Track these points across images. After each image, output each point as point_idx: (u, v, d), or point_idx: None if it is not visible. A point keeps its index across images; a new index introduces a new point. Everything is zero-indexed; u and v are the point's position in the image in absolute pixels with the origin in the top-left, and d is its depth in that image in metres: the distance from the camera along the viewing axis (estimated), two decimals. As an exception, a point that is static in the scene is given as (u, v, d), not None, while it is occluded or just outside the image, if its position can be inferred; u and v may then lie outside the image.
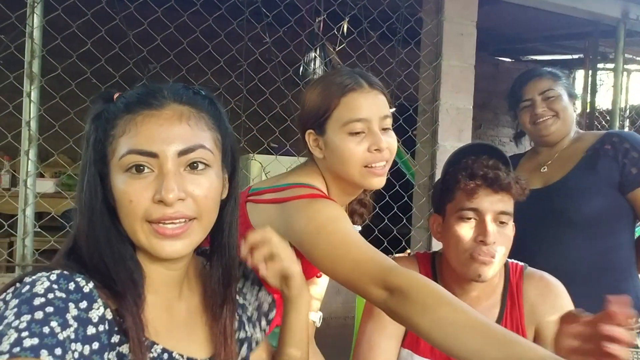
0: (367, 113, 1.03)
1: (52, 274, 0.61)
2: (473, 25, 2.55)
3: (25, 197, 1.97)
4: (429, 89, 2.54)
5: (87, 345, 0.59)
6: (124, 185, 0.65)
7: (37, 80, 1.98)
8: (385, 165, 1.06)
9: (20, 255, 1.98)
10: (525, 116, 1.58)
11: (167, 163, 0.65)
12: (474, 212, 1.06)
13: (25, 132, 1.97)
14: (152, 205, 0.65)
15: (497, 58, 5.68)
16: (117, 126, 0.66)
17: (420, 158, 2.61)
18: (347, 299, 2.39)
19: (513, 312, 1.13)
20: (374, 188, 1.10)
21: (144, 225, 0.65)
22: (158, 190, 0.64)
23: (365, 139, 1.03)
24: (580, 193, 1.47)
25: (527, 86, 1.57)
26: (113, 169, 0.66)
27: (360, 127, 1.03)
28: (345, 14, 2.90)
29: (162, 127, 0.66)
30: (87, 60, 2.18)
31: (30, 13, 1.98)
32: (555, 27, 4.12)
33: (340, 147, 1.04)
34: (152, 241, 0.66)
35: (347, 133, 1.03)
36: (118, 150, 0.65)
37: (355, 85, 1.05)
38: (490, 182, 1.05)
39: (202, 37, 2.29)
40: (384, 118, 1.05)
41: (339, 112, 1.04)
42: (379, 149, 1.03)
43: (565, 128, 1.55)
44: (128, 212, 0.65)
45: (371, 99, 1.05)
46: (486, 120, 5.80)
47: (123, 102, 0.68)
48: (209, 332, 0.76)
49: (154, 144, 0.65)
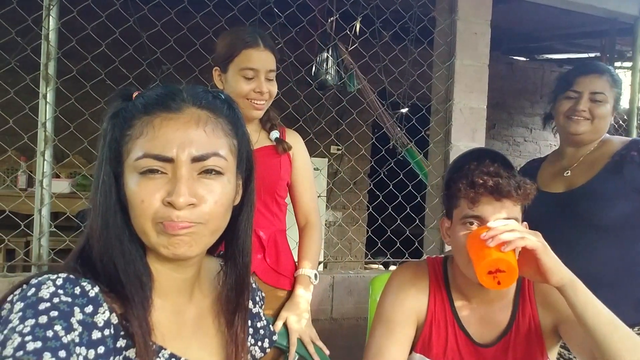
0: (258, 65, 1.40)
1: (59, 278, 0.61)
2: (487, 24, 2.52)
3: (41, 198, 1.99)
4: (442, 88, 2.52)
5: (92, 350, 0.59)
6: (137, 186, 0.65)
7: (52, 82, 2.01)
8: (264, 104, 1.43)
9: (36, 255, 2.00)
10: (564, 105, 1.52)
11: (181, 168, 0.65)
12: (477, 219, 1.06)
13: (41, 133, 2.00)
14: (161, 206, 0.65)
15: (511, 57, 5.62)
16: (134, 127, 0.66)
17: (433, 158, 2.59)
18: (359, 300, 2.39)
19: (525, 309, 1.12)
20: (253, 118, 1.46)
21: (157, 225, 0.65)
22: (170, 193, 0.64)
23: (253, 82, 1.40)
24: (605, 198, 1.43)
25: (583, 78, 1.50)
26: (127, 169, 0.66)
27: (251, 74, 1.40)
28: (357, 13, 2.90)
29: (178, 131, 0.66)
30: (101, 62, 2.21)
31: (46, 15, 2.00)
32: (570, 25, 4.07)
33: (234, 84, 1.41)
34: (162, 240, 0.66)
35: (241, 76, 1.40)
36: (134, 151, 0.66)
37: (254, 43, 1.41)
38: (490, 190, 1.04)
39: (214, 38, 2.29)
40: (269, 71, 1.42)
41: (239, 60, 1.40)
42: (260, 92, 1.41)
43: (594, 135, 1.51)
44: (139, 212, 0.65)
45: (263, 56, 1.41)
46: (500, 120, 5.74)
47: (141, 102, 0.68)
48: (220, 339, 0.76)
49: (169, 149, 0.65)
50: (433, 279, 1.18)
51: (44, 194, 2.00)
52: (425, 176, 2.95)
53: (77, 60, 2.17)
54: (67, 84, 2.09)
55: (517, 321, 1.11)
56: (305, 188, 1.55)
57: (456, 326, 1.13)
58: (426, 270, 1.19)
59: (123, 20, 2.24)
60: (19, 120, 2.01)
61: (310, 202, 1.56)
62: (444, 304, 1.15)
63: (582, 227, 1.45)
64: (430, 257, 1.24)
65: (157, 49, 2.30)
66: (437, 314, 1.14)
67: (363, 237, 4.83)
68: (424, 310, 1.15)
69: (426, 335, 1.14)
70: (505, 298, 1.14)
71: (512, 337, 1.11)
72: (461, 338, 1.12)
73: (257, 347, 0.87)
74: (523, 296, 1.13)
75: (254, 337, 0.86)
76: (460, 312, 1.14)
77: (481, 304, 1.13)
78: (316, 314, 1.49)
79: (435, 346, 1.13)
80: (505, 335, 1.11)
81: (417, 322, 1.16)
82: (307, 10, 2.65)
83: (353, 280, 2.39)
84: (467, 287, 1.13)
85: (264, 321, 0.89)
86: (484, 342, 1.12)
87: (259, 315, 0.87)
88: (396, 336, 1.12)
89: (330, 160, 3.84)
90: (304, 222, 1.55)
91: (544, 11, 3.15)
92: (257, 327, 0.86)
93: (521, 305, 1.13)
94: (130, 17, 2.26)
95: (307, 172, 1.57)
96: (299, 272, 1.48)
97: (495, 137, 5.77)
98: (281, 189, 1.50)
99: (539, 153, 5.88)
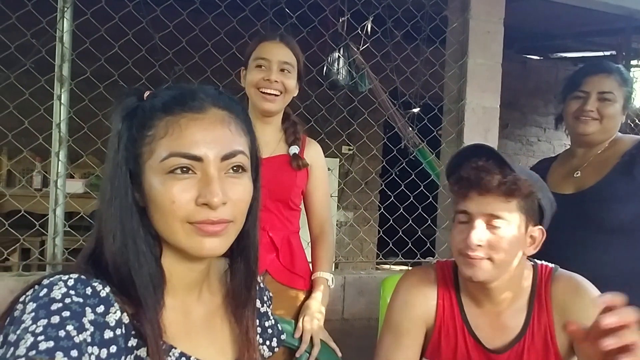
0: (269, 55, 1.42)
1: (70, 278, 0.61)
2: (500, 22, 2.50)
3: (56, 198, 2.02)
4: (455, 88, 2.50)
5: (104, 349, 0.59)
6: (164, 187, 0.65)
7: (67, 84, 2.03)
8: (276, 97, 1.42)
9: (50, 254, 2.03)
10: (573, 105, 1.50)
11: (210, 167, 0.66)
12: (465, 214, 1.06)
13: (55, 134, 2.03)
14: (195, 208, 0.65)
15: (525, 56, 5.56)
16: (156, 127, 0.66)
17: (445, 158, 2.57)
18: (370, 300, 2.38)
19: (541, 316, 1.09)
20: (264, 110, 1.43)
21: (185, 225, 0.65)
22: (202, 194, 0.65)
23: (264, 71, 1.41)
24: (616, 199, 1.41)
25: (591, 78, 1.48)
26: (149, 169, 0.66)
27: (262, 63, 1.42)
28: (369, 13, 2.89)
29: (206, 130, 0.66)
30: (114, 63, 2.23)
31: (61, 18, 2.03)
32: (585, 23, 4.01)
33: (248, 76, 1.44)
34: (194, 239, 0.66)
35: (255, 67, 1.43)
36: (157, 152, 0.65)
37: (270, 37, 1.45)
38: (473, 185, 1.03)
39: (226, 39, 2.31)
40: (283, 62, 1.42)
41: (255, 53, 1.44)
42: (269, 80, 1.40)
43: (603, 135, 1.49)
44: (168, 213, 0.65)
45: (275, 47, 1.43)
46: (513, 120, 5.69)
47: (159, 102, 0.68)
48: (229, 336, 0.76)
49: (198, 148, 0.65)
50: (442, 284, 1.16)
51: (59, 194, 2.02)
52: (437, 176, 2.93)
53: (90, 61, 2.19)
54: (81, 85, 2.12)
55: (532, 327, 1.09)
56: (320, 199, 1.55)
57: (466, 331, 1.11)
58: (434, 275, 1.18)
59: (136, 21, 2.26)
60: (34, 121, 2.03)
61: (324, 213, 1.56)
62: (453, 309, 1.13)
63: (593, 229, 1.42)
64: (440, 261, 1.22)
65: (169, 49, 2.32)
66: (446, 319, 1.13)
67: (374, 237, 4.82)
68: (432, 315, 1.14)
69: (435, 340, 1.13)
70: (518, 302, 1.11)
71: (525, 343, 1.08)
72: (471, 343, 1.11)
73: (265, 347, 0.87)
74: (539, 300, 1.10)
75: (262, 337, 0.86)
76: (470, 317, 1.12)
77: (492, 308, 1.11)
78: (328, 314, 1.48)
79: (444, 351, 1.11)
80: (518, 341, 1.08)
81: (426, 328, 1.14)
82: (318, 10, 2.65)
83: (364, 280, 2.39)
84: (477, 291, 1.11)
85: (272, 320, 0.89)
86: (495, 348, 1.09)
87: (267, 315, 0.88)
88: (404, 344, 1.11)
89: (342, 161, 3.84)
90: (318, 231, 1.56)
91: (558, 9, 3.12)
92: (265, 326, 0.87)
93: (536, 311, 1.10)
94: (142, 19, 2.28)
95: (323, 182, 1.56)
96: (316, 274, 1.49)
97: (508, 137, 5.71)
98: (296, 197, 1.50)
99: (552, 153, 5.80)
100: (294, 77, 1.45)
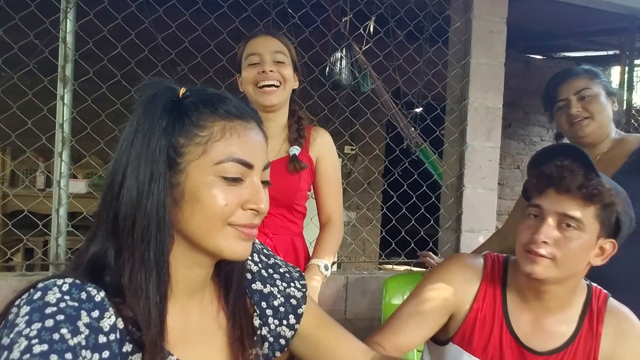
0: (259, 49, 1.41)
1: (65, 283, 0.61)
2: (503, 22, 2.49)
3: (59, 198, 2.02)
4: (457, 87, 2.50)
5: (97, 354, 0.58)
6: (217, 189, 0.66)
7: (69, 84, 2.03)
8: (276, 88, 1.39)
9: (54, 254, 2.03)
10: (561, 117, 1.53)
11: (258, 175, 0.70)
12: (538, 209, 1.05)
13: (58, 134, 2.03)
14: (241, 211, 0.68)
15: (528, 55, 5.55)
16: (210, 128, 0.67)
17: (448, 158, 2.57)
18: (373, 301, 2.38)
19: (589, 337, 1.08)
20: (266, 104, 1.40)
21: (226, 227, 0.67)
22: (253, 200, 0.68)
23: (258, 66, 1.39)
24: None
25: (562, 86, 1.52)
26: (196, 168, 0.66)
27: (254, 58, 1.40)
28: (371, 13, 2.88)
29: (256, 140, 0.70)
30: (117, 63, 2.23)
31: (63, 18, 2.03)
32: (588, 23, 4.00)
33: (244, 75, 1.43)
34: (234, 242, 0.68)
35: (247, 65, 1.42)
36: (213, 153, 0.66)
37: (256, 34, 1.45)
38: (554, 182, 1.02)
39: (229, 39, 2.31)
40: (275, 52, 1.40)
41: (245, 52, 1.44)
42: (264, 71, 1.38)
43: (602, 130, 1.49)
44: (215, 214, 0.66)
45: (263, 40, 1.42)
46: (516, 119, 5.68)
47: (207, 104, 0.68)
48: (226, 339, 0.75)
49: (252, 157, 0.69)
50: (488, 274, 1.14)
51: (62, 194, 2.02)
52: (439, 176, 2.93)
53: (93, 62, 2.20)
54: (84, 85, 2.12)
55: (577, 343, 1.07)
56: (329, 192, 1.52)
57: (504, 326, 1.10)
58: (481, 266, 1.16)
59: (138, 22, 2.26)
60: (37, 121, 2.04)
61: (334, 204, 1.52)
62: (494, 302, 1.12)
63: None
64: (490, 254, 1.20)
65: (171, 50, 2.32)
66: (484, 310, 1.11)
67: (377, 237, 4.81)
68: (467, 302, 1.12)
69: (467, 328, 1.11)
70: (567, 312, 1.10)
71: (566, 356, 1.07)
72: (507, 338, 1.09)
73: (284, 327, 0.82)
74: (590, 321, 1.09)
75: (276, 318, 0.81)
76: (511, 314, 1.11)
77: (538, 309, 1.10)
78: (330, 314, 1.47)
79: (476, 342, 1.10)
80: (559, 352, 1.07)
81: (453, 313, 1.12)
82: (320, 10, 2.65)
83: (367, 280, 2.38)
84: (527, 289, 1.09)
85: (281, 298, 0.83)
86: (532, 348, 1.08)
87: (273, 294, 0.82)
88: (423, 319, 1.09)
89: (344, 160, 3.83)
90: (326, 220, 1.53)
91: (561, 8, 3.11)
92: (274, 305, 0.82)
93: (585, 330, 1.08)
94: (145, 19, 2.28)
95: (332, 175, 1.52)
96: (311, 261, 1.45)
97: (511, 137, 5.70)
98: (300, 199, 1.48)
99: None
100: (289, 65, 1.43)
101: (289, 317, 0.83)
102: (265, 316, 0.81)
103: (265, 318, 0.81)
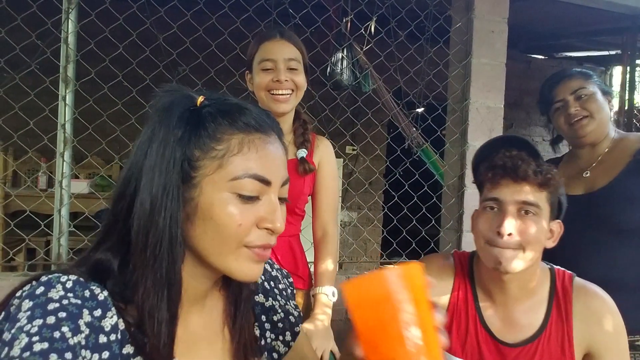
0: (274, 55, 1.38)
1: (69, 280, 0.60)
2: (504, 22, 2.49)
3: (61, 198, 2.02)
4: (459, 87, 2.50)
5: (97, 354, 0.58)
6: (232, 207, 0.63)
7: (71, 84, 2.04)
8: (289, 96, 1.39)
9: (56, 254, 2.03)
10: (559, 118, 1.53)
11: (275, 192, 0.66)
12: (495, 202, 1.05)
13: (60, 134, 2.03)
14: (257, 231, 0.64)
15: (529, 55, 5.53)
16: (228, 142, 0.63)
17: (449, 158, 2.57)
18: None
19: (559, 321, 1.08)
20: (279, 112, 1.39)
21: (241, 249, 0.64)
22: (269, 219, 0.64)
23: (271, 73, 1.37)
24: (628, 200, 1.40)
25: (558, 87, 1.52)
26: (210, 183, 0.63)
27: (270, 65, 1.38)
28: (372, 13, 2.88)
29: (275, 155, 0.66)
30: (119, 64, 2.24)
31: (65, 19, 2.04)
32: (590, 22, 3.99)
33: (256, 79, 1.40)
34: (246, 265, 0.65)
35: (261, 69, 1.39)
36: (229, 169, 0.63)
37: (271, 35, 1.41)
38: (508, 172, 1.03)
39: (230, 40, 2.31)
40: (289, 60, 1.38)
41: (258, 55, 1.40)
42: (279, 80, 1.36)
43: (601, 128, 1.49)
44: (230, 234, 0.63)
45: (278, 45, 1.39)
46: (518, 119, 5.67)
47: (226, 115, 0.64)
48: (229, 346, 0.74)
49: (270, 172, 0.65)
50: (459, 273, 1.16)
51: (64, 194, 2.03)
52: (441, 176, 2.92)
53: (95, 62, 2.20)
54: (86, 86, 2.13)
55: (549, 330, 1.08)
56: (326, 200, 1.50)
57: (478, 322, 1.11)
58: (453, 263, 1.18)
59: (140, 22, 2.27)
60: (39, 122, 2.04)
61: (330, 214, 1.50)
62: (467, 300, 1.13)
63: (604, 231, 1.41)
64: (457, 251, 1.22)
65: (173, 50, 2.33)
66: (459, 308, 1.13)
67: (378, 237, 4.81)
68: (445, 303, 1.13)
69: (446, 327, 1.12)
70: (533, 299, 1.10)
71: (540, 344, 1.08)
72: (482, 335, 1.10)
73: (279, 342, 0.82)
74: (558, 306, 1.09)
75: (273, 332, 0.81)
76: (484, 309, 1.12)
77: (506, 302, 1.11)
78: (331, 315, 1.47)
79: (454, 341, 1.11)
80: (532, 341, 1.08)
81: None
82: (322, 10, 2.65)
83: (368, 280, 2.38)
84: (492, 282, 1.11)
85: (281, 314, 0.83)
86: (507, 341, 1.09)
87: (274, 309, 0.82)
88: None
89: (346, 161, 3.83)
90: (321, 234, 1.49)
91: (563, 8, 3.10)
92: (273, 320, 0.82)
93: (555, 316, 1.09)
94: (146, 20, 2.28)
95: (330, 183, 1.51)
96: (317, 290, 1.43)
97: (513, 137, 5.69)
98: (302, 203, 1.48)
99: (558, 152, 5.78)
100: (301, 72, 1.42)
101: (285, 334, 0.83)
102: (264, 329, 0.81)
103: (263, 331, 0.81)
